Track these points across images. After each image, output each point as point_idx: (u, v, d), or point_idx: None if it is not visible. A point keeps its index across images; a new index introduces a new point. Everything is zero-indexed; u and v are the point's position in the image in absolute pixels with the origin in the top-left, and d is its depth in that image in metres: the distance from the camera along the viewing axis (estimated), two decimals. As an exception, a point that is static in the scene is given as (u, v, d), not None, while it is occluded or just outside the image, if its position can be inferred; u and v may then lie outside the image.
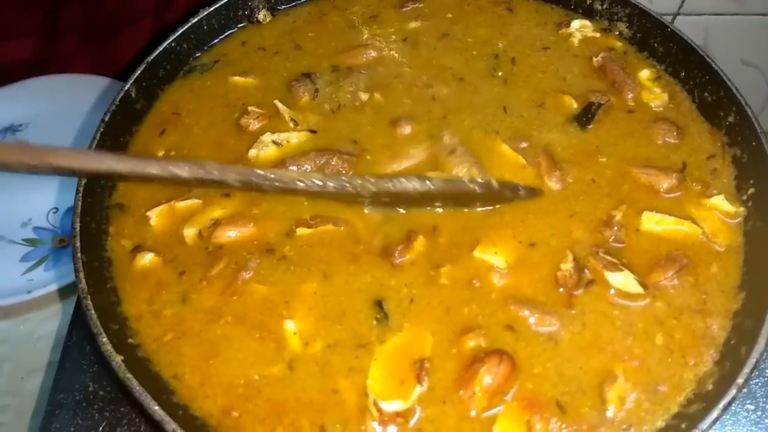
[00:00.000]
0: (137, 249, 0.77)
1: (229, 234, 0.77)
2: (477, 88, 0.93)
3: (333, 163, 0.82)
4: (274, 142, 0.84)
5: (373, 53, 0.97)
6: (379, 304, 0.73)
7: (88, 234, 0.76)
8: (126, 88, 0.86)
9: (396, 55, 0.97)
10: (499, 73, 0.94)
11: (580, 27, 1.00)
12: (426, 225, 0.79)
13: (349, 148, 0.85)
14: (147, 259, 0.76)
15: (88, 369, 0.84)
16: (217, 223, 0.78)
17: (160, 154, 0.86)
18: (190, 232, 0.78)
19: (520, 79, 0.94)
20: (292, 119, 0.88)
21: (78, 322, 0.88)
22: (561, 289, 0.74)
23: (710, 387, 0.69)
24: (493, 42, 0.99)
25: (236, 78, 0.94)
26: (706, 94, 0.90)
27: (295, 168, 0.80)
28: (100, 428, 0.80)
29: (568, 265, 0.75)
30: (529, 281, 0.75)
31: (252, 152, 0.84)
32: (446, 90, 0.93)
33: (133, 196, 0.82)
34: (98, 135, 0.81)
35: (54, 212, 1.22)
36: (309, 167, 0.80)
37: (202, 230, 0.78)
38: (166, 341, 0.71)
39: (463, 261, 0.76)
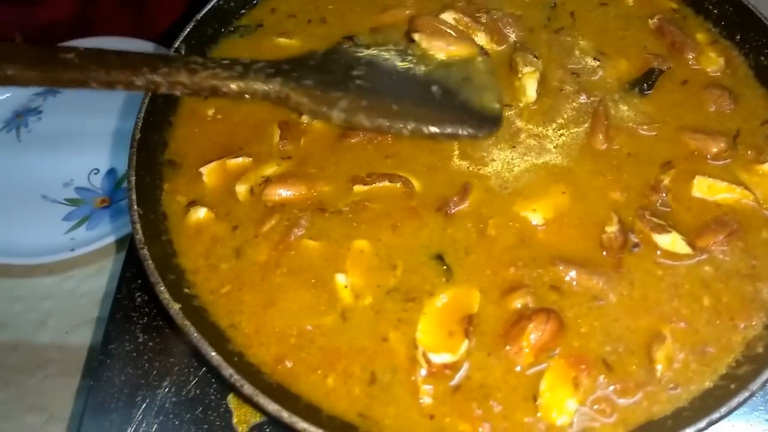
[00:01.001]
0: (191, 204, 0.78)
1: (280, 192, 0.78)
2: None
3: None
4: None
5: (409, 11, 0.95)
6: (440, 257, 0.74)
7: (143, 188, 0.77)
8: (176, 45, 0.87)
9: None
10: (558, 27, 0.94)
11: None
12: (474, 178, 0.80)
13: None
14: (201, 214, 0.77)
15: (137, 321, 0.87)
16: (268, 181, 0.79)
17: (210, 112, 0.87)
18: (242, 189, 0.79)
19: (580, 34, 0.93)
20: None
21: (128, 275, 0.90)
22: (605, 253, 0.74)
23: (760, 350, 0.69)
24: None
25: (281, 39, 0.94)
26: (763, 58, 0.89)
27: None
28: (150, 377, 0.83)
29: (613, 228, 0.75)
30: (574, 241, 0.75)
31: (304, 117, 0.85)
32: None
33: (185, 154, 0.84)
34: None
35: (95, 173, 1.24)
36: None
37: (253, 187, 0.79)
38: (223, 293, 0.72)
39: (509, 216, 0.77)
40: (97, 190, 1.22)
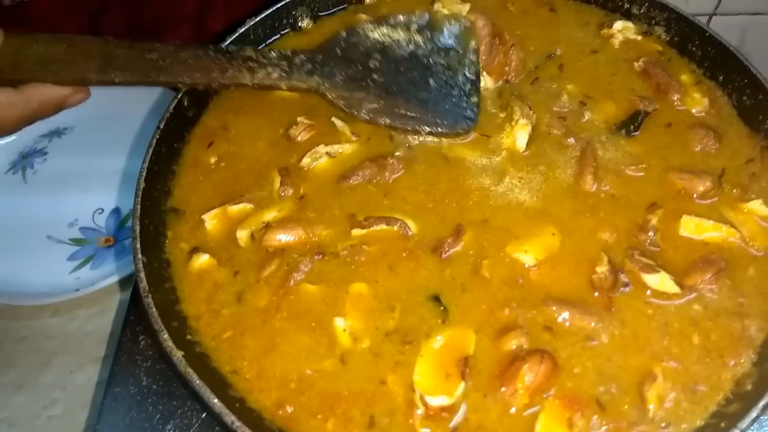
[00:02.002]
0: (194, 251, 0.81)
1: (279, 237, 0.81)
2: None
3: (389, 162, 0.86)
4: (327, 153, 0.88)
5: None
6: (436, 298, 0.76)
7: (147, 236, 0.79)
8: (179, 96, 0.90)
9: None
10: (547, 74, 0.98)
11: (622, 28, 1.01)
12: (468, 221, 0.82)
13: (400, 151, 0.90)
14: (203, 260, 0.80)
15: (141, 364, 0.89)
16: (268, 227, 0.82)
17: (212, 160, 0.90)
18: (242, 235, 0.81)
19: (568, 80, 0.96)
20: (353, 133, 0.91)
21: (132, 318, 0.92)
22: (596, 293, 0.76)
23: (749, 387, 0.70)
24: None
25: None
26: (745, 98, 0.91)
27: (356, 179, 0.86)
28: (154, 421, 0.84)
29: (603, 268, 0.77)
30: (566, 282, 0.77)
31: (306, 160, 0.88)
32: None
33: (188, 201, 0.86)
34: (154, 142, 0.85)
35: (99, 213, 1.26)
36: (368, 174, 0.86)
37: (254, 233, 0.82)
38: (225, 338, 0.74)
39: (502, 258, 0.79)
40: (101, 230, 1.24)
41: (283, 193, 0.85)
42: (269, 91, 0.95)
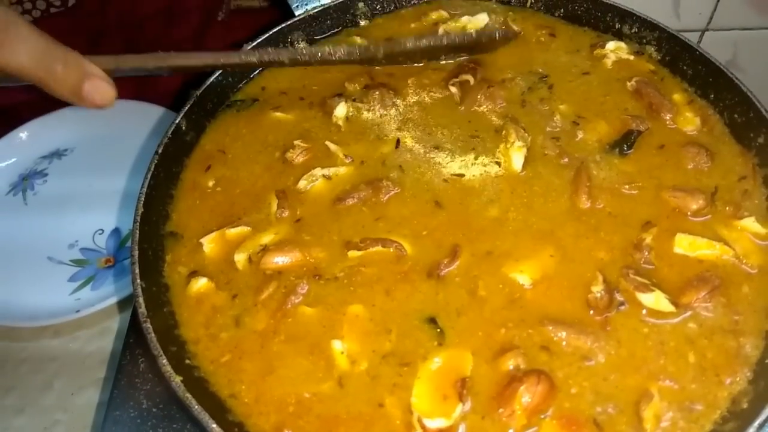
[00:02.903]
0: (192, 275, 0.82)
1: (277, 260, 0.81)
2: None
3: (383, 184, 0.87)
4: (324, 176, 0.89)
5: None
6: (432, 320, 0.77)
7: (146, 261, 0.80)
8: (177, 121, 0.91)
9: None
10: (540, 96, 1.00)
11: (615, 48, 1.02)
12: (463, 242, 0.83)
13: (394, 173, 0.91)
14: (201, 284, 0.81)
15: (141, 387, 0.89)
16: (265, 249, 0.82)
17: (210, 184, 0.91)
18: (240, 258, 0.82)
19: (561, 100, 0.98)
20: (346, 155, 0.92)
21: (132, 341, 0.93)
22: (591, 312, 0.77)
23: (745, 405, 0.71)
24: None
25: (277, 114, 0.99)
26: (736, 116, 0.92)
27: (351, 200, 0.87)
28: (154, 444, 0.85)
29: (599, 287, 0.77)
30: (563, 301, 0.78)
31: (302, 183, 0.89)
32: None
33: (186, 225, 0.87)
34: (153, 167, 0.86)
35: (99, 233, 1.27)
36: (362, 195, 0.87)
37: (251, 256, 0.82)
38: (223, 362, 0.75)
39: (498, 278, 0.80)
40: (101, 250, 1.25)
41: (280, 215, 0.86)
42: (264, 114, 0.97)
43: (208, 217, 0.87)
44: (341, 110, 0.97)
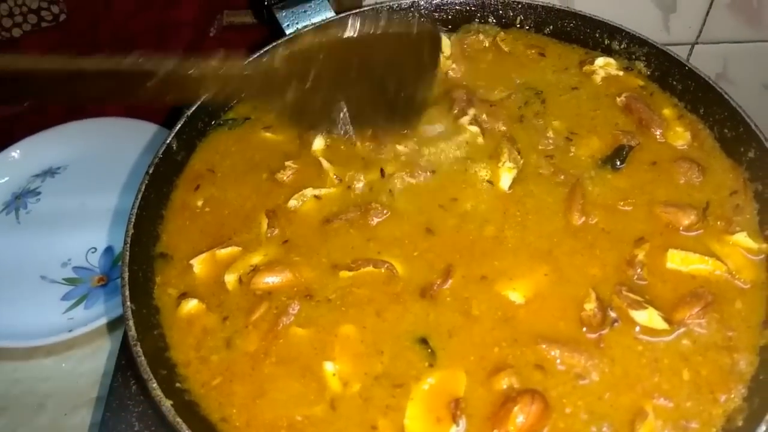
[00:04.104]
0: (183, 296, 0.81)
1: (267, 280, 0.81)
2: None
3: (373, 206, 0.87)
4: (315, 196, 0.89)
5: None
6: (424, 341, 0.76)
7: (135, 282, 0.80)
8: (168, 141, 0.91)
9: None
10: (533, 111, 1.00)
11: (604, 64, 1.03)
12: (454, 261, 0.83)
13: (383, 198, 0.90)
14: (191, 305, 0.80)
15: (133, 409, 0.88)
16: (256, 270, 0.82)
17: (199, 203, 0.91)
18: (230, 279, 0.82)
19: (554, 116, 0.98)
20: (336, 176, 0.92)
21: (123, 363, 0.92)
22: (585, 329, 0.76)
23: (740, 423, 0.70)
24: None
25: (267, 134, 0.99)
26: (726, 131, 0.92)
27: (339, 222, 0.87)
28: (146, 467, 0.84)
29: (591, 305, 0.77)
30: (556, 319, 0.78)
31: (292, 203, 0.89)
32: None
33: (176, 246, 0.87)
34: (143, 187, 0.86)
35: (92, 252, 1.26)
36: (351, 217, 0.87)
37: (242, 276, 0.82)
38: (214, 385, 0.74)
39: (491, 296, 0.79)
40: (94, 269, 1.24)
41: (270, 235, 0.86)
42: (254, 133, 0.97)
43: (197, 238, 0.87)
44: (319, 143, 0.96)
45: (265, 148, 0.97)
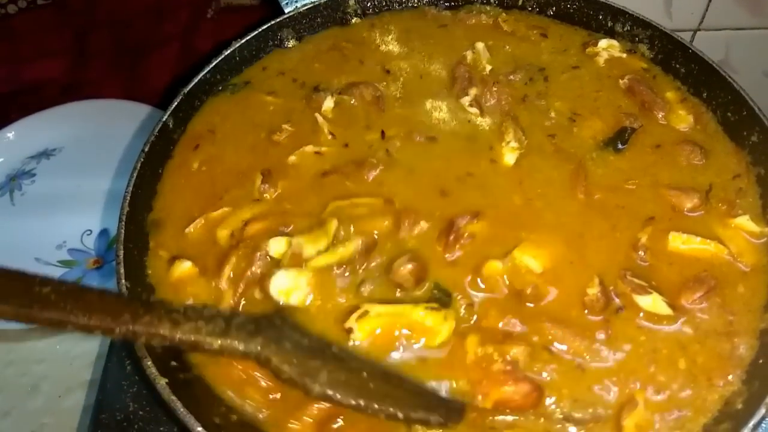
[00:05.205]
0: (174, 259, 0.81)
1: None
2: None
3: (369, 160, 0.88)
4: (316, 152, 0.90)
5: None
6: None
7: (131, 260, 0.79)
8: (164, 119, 0.90)
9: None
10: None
11: (607, 46, 1.01)
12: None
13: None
14: (184, 267, 0.80)
15: (127, 389, 0.87)
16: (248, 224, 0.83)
17: (195, 165, 0.90)
18: (223, 234, 0.82)
19: (556, 97, 0.97)
20: (330, 132, 0.92)
21: (117, 343, 0.91)
22: (586, 311, 0.75)
23: (739, 406, 0.69)
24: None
25: (267, 97, 0.98)
26: (729, 114, 0.91)
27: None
28: (141, 447, 0.83)
29: (594, 290, 0.76)
30: (562, 303, 0.76)
31: (292, 158, 0.89)
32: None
33: (170, 208, 0.87)
34: (139, 165, 0.85)
35: (88, 234, 1.26)
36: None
37: (234, 231, 0.82)
38: (210, 363, 0.73)
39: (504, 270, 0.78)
40: (89, 251, 1.23)
41: (264, 190, 0.86)
42: (255, 96, 0.97)
43: (191, 197, 0.86)
44: (329, 103, 0.96)
45: (266, 111, 0.96)
